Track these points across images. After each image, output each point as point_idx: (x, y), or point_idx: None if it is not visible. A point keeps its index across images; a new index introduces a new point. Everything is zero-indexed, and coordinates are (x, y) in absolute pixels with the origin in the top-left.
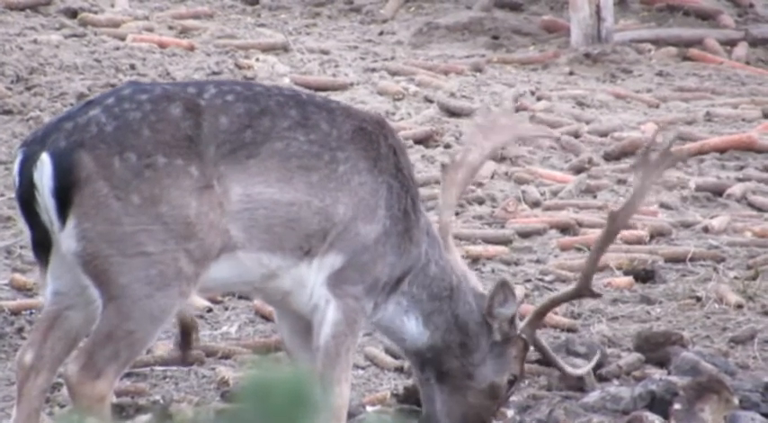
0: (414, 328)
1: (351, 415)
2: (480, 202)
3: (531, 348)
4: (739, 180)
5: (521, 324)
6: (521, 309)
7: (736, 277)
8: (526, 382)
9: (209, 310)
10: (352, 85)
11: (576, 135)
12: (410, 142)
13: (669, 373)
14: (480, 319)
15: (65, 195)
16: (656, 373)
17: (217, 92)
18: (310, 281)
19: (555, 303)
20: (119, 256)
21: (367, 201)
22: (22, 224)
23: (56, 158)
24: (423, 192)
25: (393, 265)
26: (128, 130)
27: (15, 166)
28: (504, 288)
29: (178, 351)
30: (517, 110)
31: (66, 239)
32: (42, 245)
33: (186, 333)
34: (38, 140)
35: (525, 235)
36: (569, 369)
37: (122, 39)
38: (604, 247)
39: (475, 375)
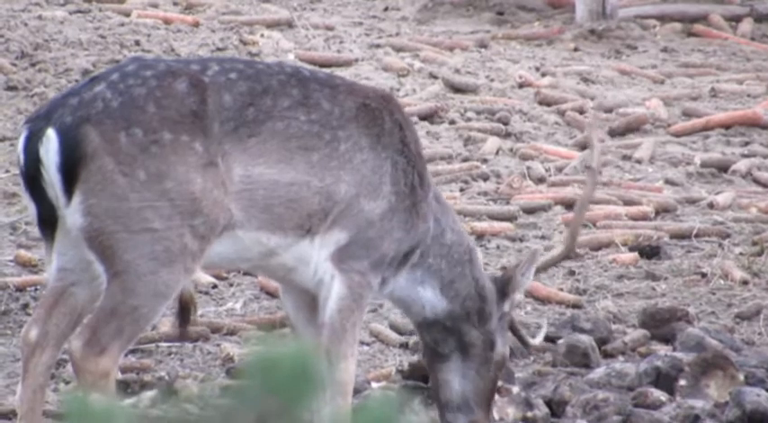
0: (432, 297)
1: (356, 391)
2: (485, 178)
3: None
4: (744, 156)
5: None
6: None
7: (741, 253)
8: (531, 358)
9: (214, 287)
10: (356, 61)
11: (581, 111)
12: (415, 118)
13: (674, 350)
14: (493, 287)
15: (70, 171)
16: (662, 350)
17: (220, 69)
18: (313, 257)
19: (542, 268)
20: (124, 231)
21: (369, 178)
22: (27, 200)
23: (62, 134)
24: (428, 168)
25: (400, 240)
26: (133, 106)
27: (20, 142)
28: (533, 258)
29: (177, 327)
30: (521, 85)
31: (72, 215)
32: (48, 221)
33: (185, 309)
34: (43, 116)
35: (530, 211)
36: (529, 339)
37: (127, 15)
38: (587, 206)
39: (495, 345)
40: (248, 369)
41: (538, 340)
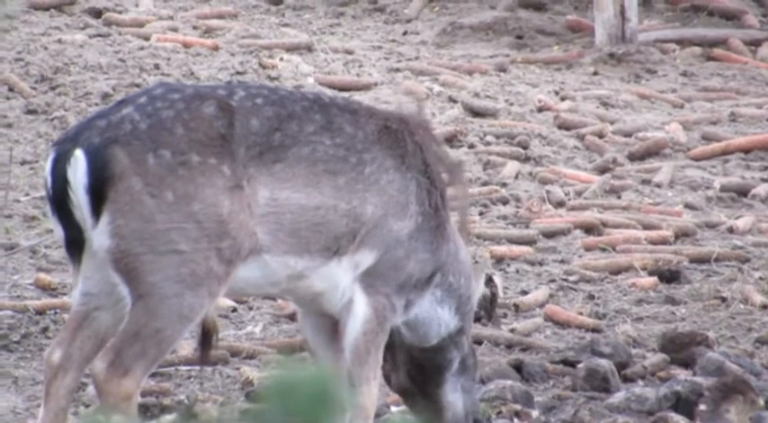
0: (446, 315)
1: (375, 415)
2: (505, 202)
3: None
4: (764, 180)
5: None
6: (546, 309)
7: (761, 278)
8: (551, 382)
9: (234, 310)
10: (376, 84)
11: (601, 135)
12: None
13: (694, 374)
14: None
15: (98, 192)
16: (682, 374)
17: (246, 94)
18: (341, 279)
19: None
20: (150, 253)
21: (397, 198)
22: (53, 223)
23: (90, 154)
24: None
25: (426, 261)
26: (161, 128)
27: (48, 165)
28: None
29: (198, 352)
30: (540, 109)
31: (99, 236)
32: (75, 244)
33: (207, 334)
34: (70, 138)
35: (550, 235)
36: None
37: (147, 38)
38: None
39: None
40: (268, 393)
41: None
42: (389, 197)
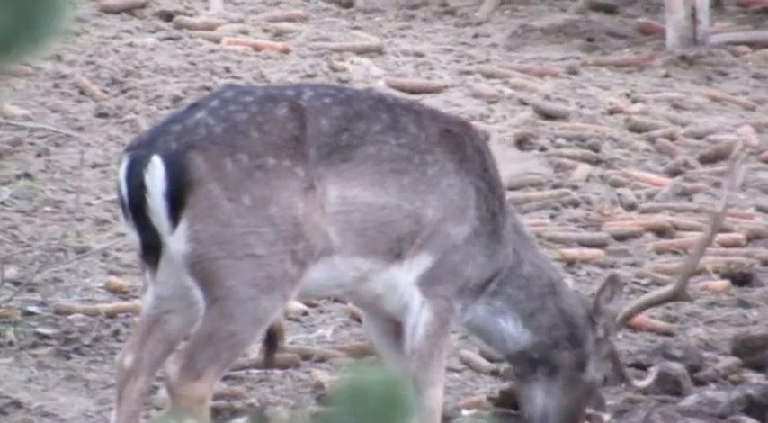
0: (512, 329)
1: (446, 418)
2: (575, 204)
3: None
4: None
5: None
6: None
7: None
8: (622, 385)
9: (305, 314)
10: (446, 87)
11: (672, 138)
12: (505, 145)
13: (767, 377)
14: (585, 313)
15: (177, 197)
16: (754, 377)
17: (314, 94)
18: (401, 283)
19: (647, 305)
20: (228, 258)
21: (456, 202)
22: (128, 229)
23: (168, 160)
24: (518, 194)
25: (483, 265)
26: (237, 132)
27: (122, 171)
28: (612, 283)
29: (264, 354)
30: (611, 112)
31: (176, 241)
32: (150, 249)
33: (273, 337)
34: (145, 144)
35: (621, 238)
36: (634, 380)
37: (217, 42)
38: (705, 249)
39: (586, 366)
40: (339, 396)
41: (642, 384)
42: (449, 201)
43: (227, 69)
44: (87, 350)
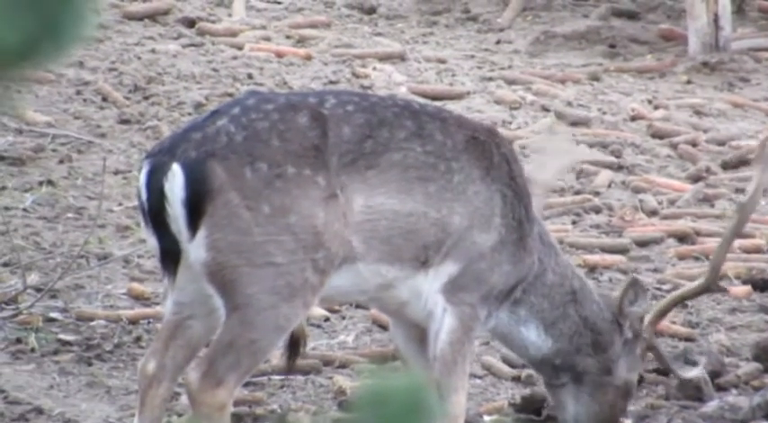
0: (534, 337)
1: None
2: (597, 210)
3: None
4: None
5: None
6: None
7: None
8: (644, 391)
9: (327, 320)
10: (468, 94)
11: (694, 144)
12: (527, 151)
13: None
14: (610, 317)
15: (196, 205)
16: None
17: (337, 102)
18: (425, 290)
19: (680, 299)
20: (247, 266)
21: (482, 210)
22: (148, 236)
23: (188, 169)
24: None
25: (508, 273)
26: (257, 140)
27: (142, 178)
28: (634, 287)
29: (286, 360)
30: (633, 118)
31: (196, 249)
32: (170, 256)
33: (295, 343)
34: (165, 151)
35: (642, 244)
36: (680, 372)
37: (240, 48)
38: (732, 241)
39: (613, 371)
40: (360, 402)
41: (690, 375)
42: (475, 209)
43: (250, 76)
44: (109, 357)
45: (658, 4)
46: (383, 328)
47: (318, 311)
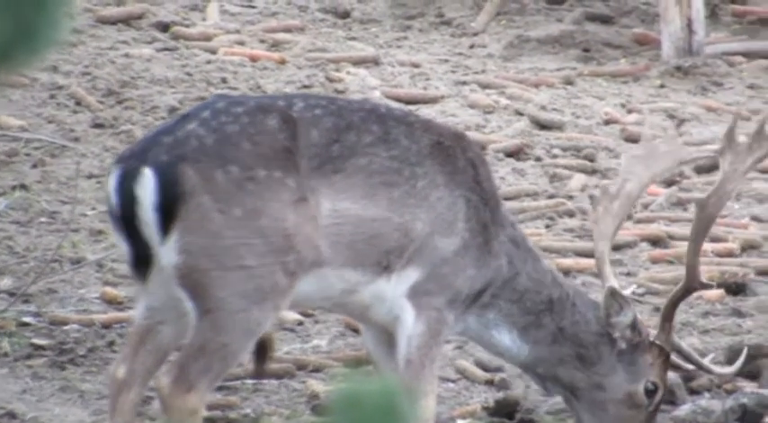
0: (508, 341)
1: None
2: (571, 214)
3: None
4: None
5: (652, 332)
6: None
7: None
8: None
9: (300, 323)
10: (442, 98)
11: None
12: (501, 155)
13: (761, 387)
14: (598, 330)
15: (168, 209)
16: (748, 387)
17: (305, 105)
18: (389, 295)
19: (673, 304)
20: (218, 269)
21: (444, 215)
22: (119, 241)
23: (159, 172)
24: (513, 205)
25: (473, 277)
26: (228, 143)
27: (112, 182)
28: (614, 297)
29: (254, 364)
30: (607, 122)
31: (167, 253)
32: (141, 260)
33: (263, 347)
34: (136, 155)
35: (616, 248)
36: (716, 369)
37: (214, 52)
38: (700, 239)
39: (606, 386)
40: (334, 406)
41: (727, 371)
42: (437, 214)
43: (224, 80)
44: (82, 361)
45: (632, 8)
46: (356, 332)
47: (292, 316)
